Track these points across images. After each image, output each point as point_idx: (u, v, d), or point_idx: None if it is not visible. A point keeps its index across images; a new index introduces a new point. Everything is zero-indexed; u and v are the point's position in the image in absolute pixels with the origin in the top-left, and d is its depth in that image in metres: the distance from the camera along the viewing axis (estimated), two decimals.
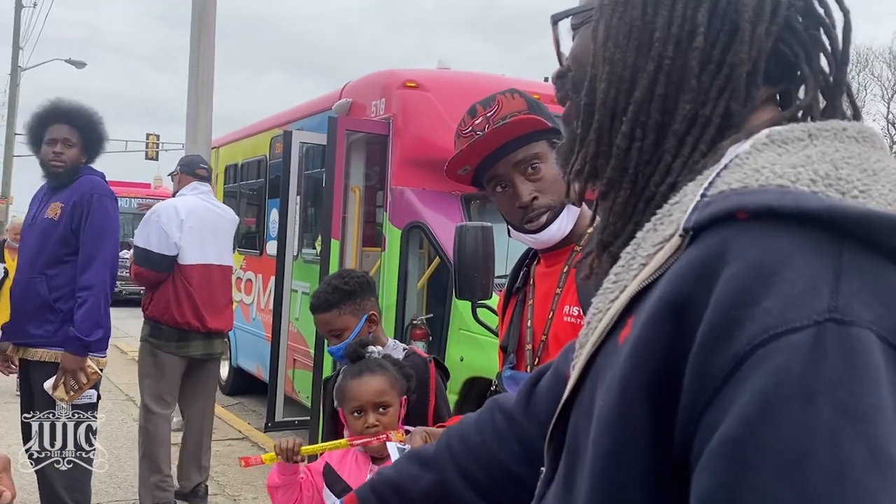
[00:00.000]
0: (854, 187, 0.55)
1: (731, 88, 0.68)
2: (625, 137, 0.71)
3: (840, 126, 0.62)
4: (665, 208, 0.65)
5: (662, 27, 0.70)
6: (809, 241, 0.53)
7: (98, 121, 3.58)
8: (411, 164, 5.04)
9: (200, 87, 6.56)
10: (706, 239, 0.56)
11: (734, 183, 0.58)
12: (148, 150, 30.68)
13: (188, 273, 4.28)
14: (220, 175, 8.15)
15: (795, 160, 0.58)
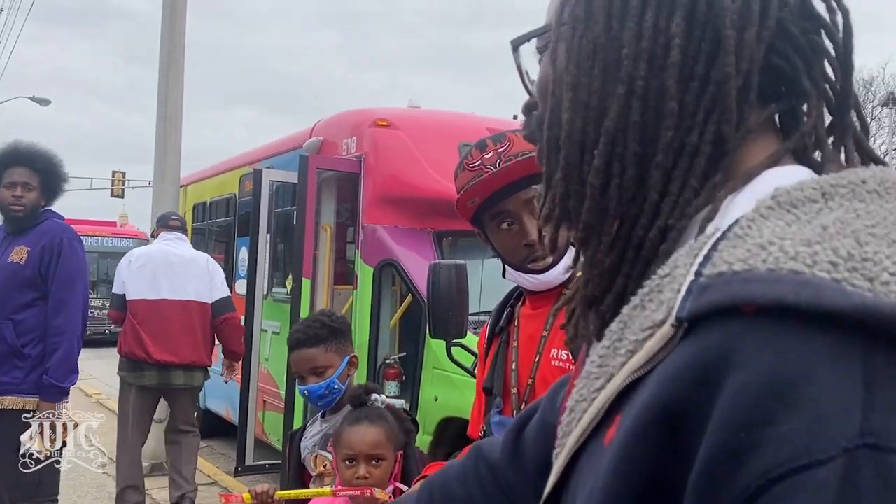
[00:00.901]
0: (884, 269, 0.45)
1: (721, 110, 0.58)
2: (598, 173, 0.61)
3: (858, 179, 0.52)
4: (654, 281, 0.54)
5: (631, 42, 0.60)
6: (834, 345, 0.43)
7: (58, 163, 3.55)
8: (383, 202, 5.02)
9: (168, 124, 6.49)
10: (704, 334, 0.47)
11: (736, 263, 0.48)
12: (114, 188, 30.39)
13: (133, 307, 4.65)
14: (188, 213, 8.06)
15: (810, 234, 0.48)
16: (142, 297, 4.62)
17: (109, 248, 17.71)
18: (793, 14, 0.60)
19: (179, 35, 6.51)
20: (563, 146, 0.64)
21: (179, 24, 6.49)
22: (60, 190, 3.60)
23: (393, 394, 4.71)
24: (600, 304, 0.63)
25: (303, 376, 2.32)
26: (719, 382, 0.45)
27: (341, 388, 2.31)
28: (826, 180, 0.52)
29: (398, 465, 2.04)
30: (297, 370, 2.34)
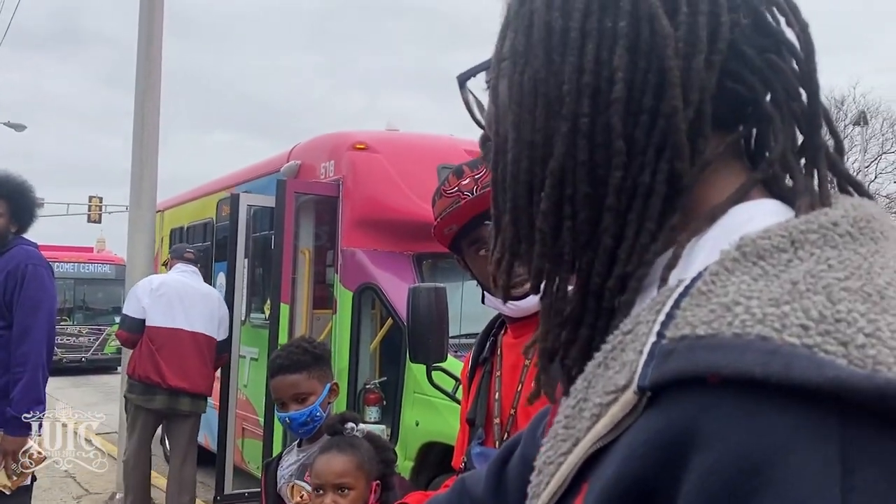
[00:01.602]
0: (859, 330, 0.41)
1: (672, 145, 0.53)
2: (547, 217, 0.57)
3: (829, 221, 0.48)
4: (616, 338, 0.51)
5: (572, 77, 0.56)
6: (808, 421, 0.40)
7: (27, 189, 3.49)
8: (362, 226, 5.00)
9: (145, 150, 6.44)
10: (668, 405, 0.44)
11: (700, 326, 0.44)
12: (91, 213, 30.15)
13: (152, 333, 4.88)
14: (165, 238, 7.99)
15: (778, 291, 0.44)
16: (162, 324, 4.90)
17: (86, 275, 17.52)
18: (746, 34, 0.57)
19: (156, 60, 6.47)
20: (509, 188, 0.60)
21: (156, 49, 6.46)
22: (32, 215, 3.53)
23: (374, 419, 4.67)
24: (564, 356, 0.59)
25: (284, 403, 2.29)
26: (686, 462, 0.42)
27: (323, 415, 2.29)
28: (795, 226, 0.48)
29: (374, 494, 2.01)
30: (279, 397, 2.30)
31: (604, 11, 0.56)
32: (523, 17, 0.60)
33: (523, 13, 0.60)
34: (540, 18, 0.58)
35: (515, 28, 0.61)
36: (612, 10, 0.56)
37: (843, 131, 30.37)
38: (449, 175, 1.66)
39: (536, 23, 0.59)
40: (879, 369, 0.40)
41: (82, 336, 16.59)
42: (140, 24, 6.47)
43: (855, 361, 0.41)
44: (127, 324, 4.96)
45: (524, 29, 0.60)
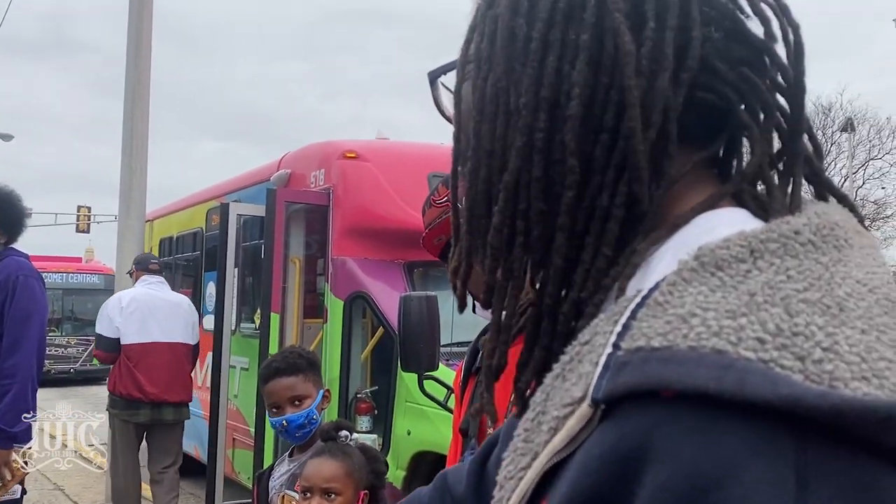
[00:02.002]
0: (817, 345, 0.41)
1: (631, 167, 0.51)
2: (497, 232, 0.56)
3: (791, 230, 0.46)
4: (574, 348, 0.50)
5: (529, 90, 0.54)
6: (762, 438, 0.39)
7: (15, 199, 3.46)
8: (353, 234, 4.99)
9: (134, 159, 6.42)
10: (622, 419, 0.43)
11: (655, 338, 0.43)
12: (79, 223, 30.01)
13: (128, 351, 4.95)
14: (154, 248, 7.95)
15: (735, 303, 0.43)
16: (136, 341, 4.97)
17: (75, 285, 17.41)
18: (719, 48, 0.54)
19: (145, 69, 6.46)
20: (467, 196, 0.59)
21: (145, 58, 6.45)
22: (21, 226, 3.50)
23: (365, 428, 4.65)
24: (517, 377, 0.58)
25: (280, 406, 2.30)
26: (639, 477, 0.41)
27: (319, 419, 2.31)
28: (755, 235, 0.46)
29: (360, 503, 2.02)
30: (275, 400, 2.31)
31: (568, 22, 0.54)
32: (490, 20, 0.58)
33: (490, 17, 0.58)
34: (504, 24, 0.56)
35: (481, 32, 0.59)
36: (577, 22, 0.54)
37: (830, 138, 30.63)
38: (439, 185, 1.66)
39: (501, 28, 0.57)
40: (836, 385, 0.39)
41: (71, 347, 16.48)
42: (129, 33, 6.46)
43: (811, 377, 0.40)
44: (103, 343, 5.03)
45: (489, 34, 0.58)
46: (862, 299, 0.44)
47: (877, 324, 0.43)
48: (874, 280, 0.47)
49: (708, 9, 0.54)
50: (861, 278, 0.46)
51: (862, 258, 0.48)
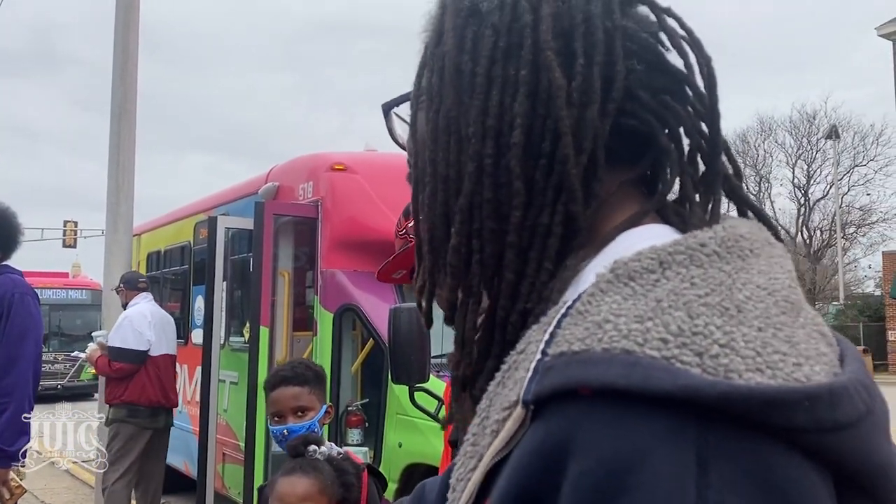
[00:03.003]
0: (714, 342, 0.46)
1: (566, 190, 0.57)
2: (455, 251, 0.61)
3: (697, 243, 0.52)
4: (512, 357, 0.54)
5: (477, 120, 0.59)
6: (666, 426, 0.43)
7: (10, 215, 3.45)
8: (342, 247, 4.99)
9: (121, 174, 6.39)
10: (548, 418, 0.47)
11: (575, 343, 0.48)
12: (66, 238, 29.84)
13: (157, 362, 5.32)
14: (142, 262, 7.91)
15: (643, 309, 0.48)
16: (162, 352, 5.40)
17: (62, 301, 17.30)
18: (642, 79, 0.60)
19: (131, 83, 6.44)
20: (427, 219, 0.64)
21: (131, 72, 6.43)
22: (16, 243, 3.49)
23: (356, 441, 4.63)
24: (473, 387, 0.62)
25: (283, 415, 2.30)
26: (563, 469, 0.45)
27: (320, 433, 2.31)
28: (664, 248, 0.52)
29: None
30: (279, 409, 2.31)
31: (507, 59, 0.60)
32: (438, 57, 0.64)
33: (438, 54, 0.64)
34: (451, 61, 0.62)
35: (431, 68, 0.64)
36: (516, 58, 0.59)
37: (815, 145, 30.90)
38: (401, 216, 1.63)
39: (448, 65, 0.62)
40: (731, 377, 0.45)
41: (58, 363, 16.35)
42: (115, 47, 6.44)
43: (708, 370, 0.45)
44: (131, 356, 5.22)
45: (438, 70, 0.63)
46: (761, 301, 0.49)
47: (774, 322, 0.48)
48: (775, 284, 0.51)
49: (630, 44, 0.60)
50: (762, 283, 0.51)
51: (767, 266, 0.53)
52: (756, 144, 32.12)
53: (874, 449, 0.48)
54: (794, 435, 0.44)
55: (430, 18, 0.67)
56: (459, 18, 0.63)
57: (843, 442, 0.45)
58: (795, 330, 0.49)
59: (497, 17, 0.61)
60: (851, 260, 32.39)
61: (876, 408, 0.49)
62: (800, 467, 0.44)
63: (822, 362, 0.48)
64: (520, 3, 0.60)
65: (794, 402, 0.44)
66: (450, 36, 0.62)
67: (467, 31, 0.62)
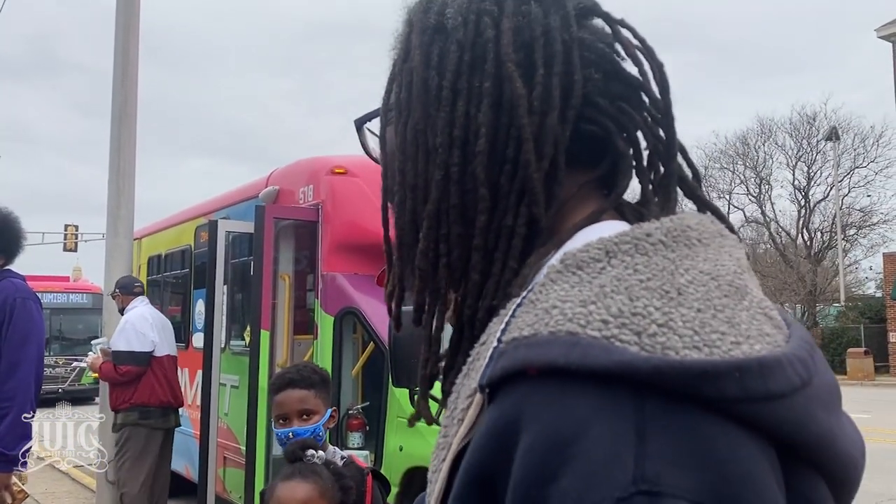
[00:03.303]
0: (652, 322, 0.48)
1: (529, 193, 0.60)
2: (423, 255, 0.64)
3: (643, 233, 0.55)
4: (475, 349, 0.58)
5: (444, 130, 0.63)
6: (606, 399, 0.46)
7: (14, 220, 3.45)
8: (342, 250, 4.99)
9: (121, 177, 6.38)
10: (502, 399, 0.50)
11: (525, 329, 0.51)
12: (66, 242, 29.84)
13: (162, 362, 5.33)
14: (142, 266, 7.92)
15: (588, 294, 0.51)
16: (165, 353, 5.41)
17: (63, 305, 17.29)
18: (599, 87, 0.64)
19: (132, 87, 6.44)
20: (396, 227, 0.67)
21: (131, 77, 6.43)
22: (19, 248, 3.50)
23: (357, 445, 4.62)
24: (444, 382, 0.64)
25: (288, 418, 2.30)
26: (515, 445, 0.48)
27: (324, 436, 2.31)
28: (611, 238, 0.55)
29: None
30: (285, 411, 2.31)
31: (472, 72, 0.63)
32: (406, 73, 0.67)
33: (406, 69, 0.67)
34: (418, 76, 0.65)
35: (400, 83, 0.68)
36: (479, 71, 0.63)
37: (815, 147, 30.86)
38: None
39: (416, 80, 0.65)
40: (668, 354, 0.47)
41: (59, 367, 16.33)
42: (115, 52, 6.44)
43: (646, 348, 0.48)
44: (136, 358, 5.23)
45: (406, 84, 0.67)
46: (703, 285, 0.52)
47: (714, 304, 0.51)
48: (721, 270, 0.54)
49: (588, 54, 0.64)
50: (707, 269, 0.53)
51: (715, 254, 0.56)
52: (756, 146, 32.05)
53: (810, 419, 0.49)
54: (727, 405, 0.46)
55: (397, 36, 0.70)
56: (426, 35, 0.66)
57: (776, 411, 0.47)
58: (738, 312, 0.51)
59: (461, 34, 0.64)
60: (852, 262, 32.37)
61: (815, 381, 0.50)
62: (734, 435, 0.46)
63: (763, 342, 0.50)
64: (482, 19, 0.64)
65: (724, 373, 0.46)
66: (416, 52, 0.66)
67: (433, 48, 0.65)
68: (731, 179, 32.65)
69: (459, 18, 0.65)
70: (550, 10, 0.64)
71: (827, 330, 26.15)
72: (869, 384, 21.30)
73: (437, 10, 0.66)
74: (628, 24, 0.67)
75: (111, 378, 5.26)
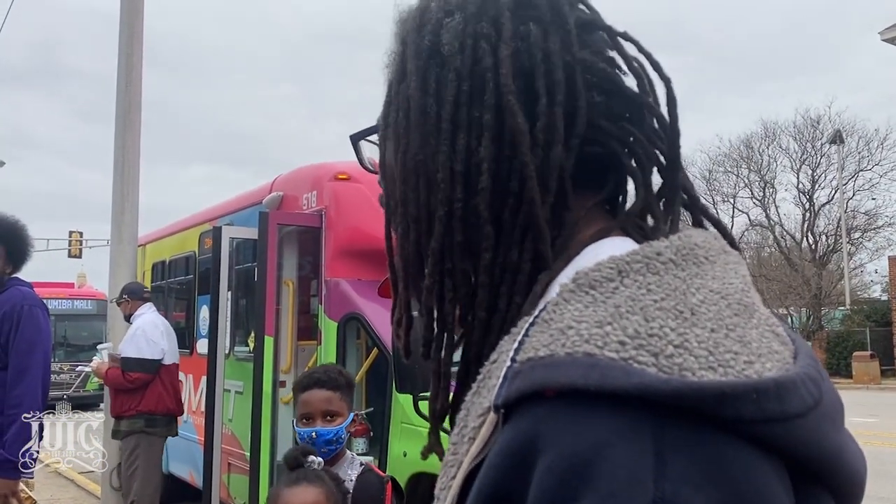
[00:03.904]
0: (669, 343, 0.49)
1: (534, 228, 0.59)
2: (428, 293, 0.62)
3: (654, 252, 0.55)
4: (486, 367, 0.57)
5: (444, 165, 0.60)
6: (625, 421, 0.46)
7: (21, 228, 3.47)
8: (346, 256, 4.99)
9: (125, 183, 6.40)
10: (517, 419, 0.50)
11: (541, 349, 0.51)
12: (71, 248, 29.89)
13: (170, 370, 5.37)
14: (147, 273, 7.93)
15: (603, 315, 0.51)
16: (172, 361, 5.45)
17: (68, 311, 17.32)
18: (601, 110, 0.62)
19: (135, 93, 6.46)
20: (401, 257, 0.65)
21: (135, 83, 6.45)
22: (26, 256, 3.51)
23: (361, 450, 4.62)
24: (453, 413, 0.64)
25: (311, 417, 2.30)
26: (532, 466, 0.47)
27: (345, 439, 2.32)
28: (622, 258, 0.54)
29: None
30: (309, 410, 2.31)
31: (471, 103, 0.61)
32: (402, 98, 0.65)
33: (402, 94, 0.65)
34: (416, 103, 0.63)
35: (396, 107, 0.65)
36: (479, 102, 0.61)
37: (819, 150, 30.78)
38: None
39: (413, 107, 0.63)
40: (685, 375, 0.47)
41: (64, 373, 16.36)
42: (119, 59, 6.46)
43: (664, 369, 0.48)
44: (147, 366, 5.23)
45: (404, 111, 0.64)
46: (714, 304, 0.52)
47: (726, 324, 0.51)
48: (729, 289, 0.54)
49: (590, 76, 0.62)
50: (716, 288, 0.54)
51: (722, 272, 0.56)
52: (760, 150, 31.99)
53: (823, 437, 0.50)
54: (744, 427, 0.46)
55: (390, 53, 0.68)
56: (420, 60, 0.64)
57: (791, 431, 0.48)
58: (748, 330, 0.52)
59: (459, 61, 0.62)
60: (857, 265, 32.29)
61: (825, 399, 0.51)
62: (751, 456, 0.46)
63: (774, 360, 0.51)
64: (479, 44, 0.61)
65: (742, 394, 0.46)
66: (413, 77, 0.63)
67: (430, 74, 0.63)
68: (736, 183, 32.63)
69: (456, 44, 0.62)
70: (550, 30, 0.62)
71: (832, 333, 26.07)
72: (875, 388, 21.23)
73: (432, 29, 0.64)
74: (631, 37, 0.66)
75: (118, 384, 5.23)
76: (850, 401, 0.60)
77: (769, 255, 32.70)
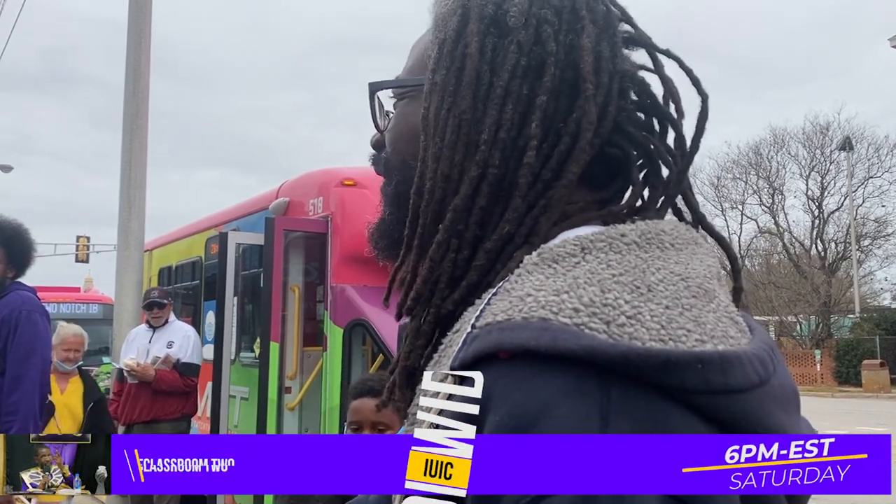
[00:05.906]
0: (621, 313, 0.51)
1: (550, 209, 0.61)
2: (439, 247, 0.63)
3: (618, 233, 0.57)
4: (448, 338, 0.59)
5: (490, 128, 0.62)
6: (574, 381, 0.48)
7: (24, 233, 3.46)
8: (352, 261, 4.97)
9: (132, 188, 6.41)
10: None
11: (499, 314, 0.53)
12: (78, 253, 30.01)
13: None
14: (153, 278, 7.94)
15: (561, 284, 0.53)
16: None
17: (74, 315, 17.34)
18: (631, 117, 0.65)
19: (143, 99, 6.48)
20: (422, 214, 0.65)
21: (143, 89, 6.47)
22: (29, 260, 3.50)
23: None
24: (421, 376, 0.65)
25: (361, 427, 2.24)
26: (484, 422, 0.49)
27: None
28: (586, 236, 0.57)
29: None
30: (358, 419, 2.25)
31: (525, 78, 0.62)
32: (457, 58, 0.65)
33: (457, 55, 0.65)
34: (472, 65, 0.64)
35: (447, 66, 0.65)
36: (537, 81, 0.62)
37: (829, 156, 30.66)
38: None
39: (468, 68, 0.64)
40: (634, 344, 0.49)
41: None
42: (127, 65, 6.48)
43: (614, 336, 0.50)
44: (198, 371, 5.49)
45: (456, 70, 0.64)
46: (672, 284, 0.54)
47: (682, 303, 0.53)
48: (691, 273, 0.56)
49: (629, 84, 0.66)
50: (678, 271, 0.56)
51: (687, 258, 0.58)
52: (769, 156, 31.89)
53: (766, 416, 0.51)
54: (688, 396, 0.48)
55: (444, 12, 0.68)
56: (482, 24, 0.64)
57: (734, 404, 0.49)
58: (705, 313, 0.53)
59: (522, 36, 0.63)
60: (867, 272, 32.10)
61: (772, 381, 0.52)
62: (693, 425, 0.48)
63: (727, 343, 0.52)
64: (543, 27, 0.63)
65: (686, 364, 0.48)
66: (474, 40, 0.64)
67: (488, 40, 0.64)
68: (744, 190, 32.55)
69: (523, 19, 0.64)
70: (602, 35, 0.65)
71: (842, 341, 25.92)
72: (885, 396, 21.07)
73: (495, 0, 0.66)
74: (673, 55, 0.68)
75: (174, 387, 5.28)
76: (859, 410, 0.60)
77: (778, 262, 32.57)
